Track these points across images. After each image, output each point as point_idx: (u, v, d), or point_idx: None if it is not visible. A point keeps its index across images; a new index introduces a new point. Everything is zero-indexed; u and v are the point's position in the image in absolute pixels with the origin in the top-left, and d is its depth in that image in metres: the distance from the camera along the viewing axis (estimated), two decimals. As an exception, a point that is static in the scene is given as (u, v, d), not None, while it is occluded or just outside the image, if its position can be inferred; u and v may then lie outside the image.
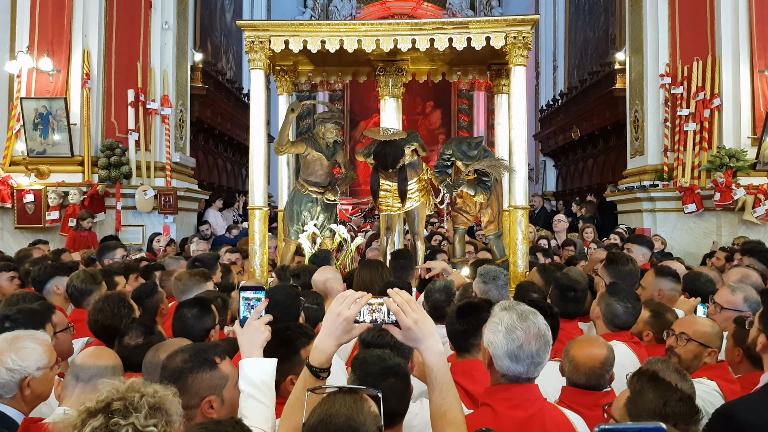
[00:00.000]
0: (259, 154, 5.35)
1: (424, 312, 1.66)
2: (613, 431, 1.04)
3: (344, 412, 1.44)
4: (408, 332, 1.62)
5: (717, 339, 2.57)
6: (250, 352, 1.86)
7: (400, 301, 1.63)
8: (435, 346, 1.64)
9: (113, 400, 1.42)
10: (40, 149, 7.94)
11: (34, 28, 7.97)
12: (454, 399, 1.65)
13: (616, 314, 2.89)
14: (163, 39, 8.52)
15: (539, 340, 1.89)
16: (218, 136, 12.50)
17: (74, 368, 2.14)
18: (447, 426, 1.63)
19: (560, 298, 3.25)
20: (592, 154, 12.76)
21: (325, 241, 5.60)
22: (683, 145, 8.02)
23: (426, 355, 1.64)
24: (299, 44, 5.12)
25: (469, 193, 5.26)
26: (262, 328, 1.89)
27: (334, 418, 1.43)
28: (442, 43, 5.06)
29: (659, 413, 1.71)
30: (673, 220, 8.10)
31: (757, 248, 5.06)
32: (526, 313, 1.94)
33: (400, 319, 1.61)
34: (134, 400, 1.42)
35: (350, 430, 1.41)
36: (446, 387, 1.64)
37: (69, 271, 4.03)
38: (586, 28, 13.45)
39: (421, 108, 16.69)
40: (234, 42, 13.89)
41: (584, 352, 2.27)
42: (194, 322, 2.71)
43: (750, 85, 7.87)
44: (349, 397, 1.48)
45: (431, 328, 1.65)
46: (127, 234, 8.14)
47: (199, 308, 2.77)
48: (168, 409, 1.44)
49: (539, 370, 1.95)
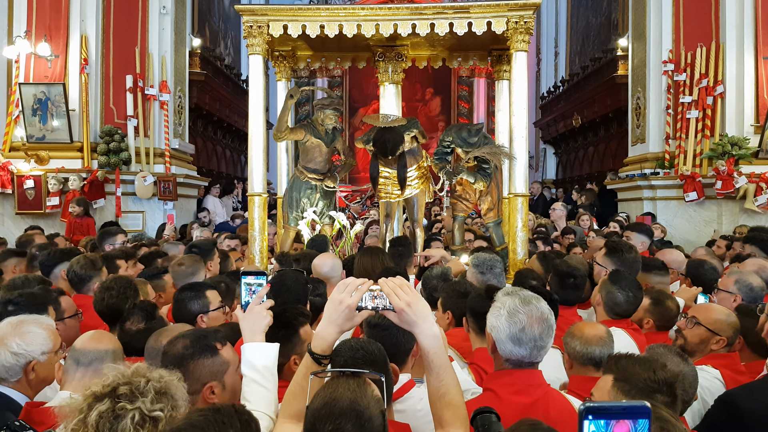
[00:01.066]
0: (258, 141, 5.32)
1: (418, 295, 1.66)
2: (599, 408, 1.04)
3: (348, 395, 1.45)
4: (402, 314, 1.63)
5: (728, 328, 2.55)
6: (252, 337, 1.89)
7: (393, 285, 1.64)
8: (430, 329, 1.64)
9: (119, 385, 1.42)
10: (39, 135, 7.92)
11: (31, 13, 7.91)
12: (451, 381, 1.65)
13: (616, 302, 2.89)
14: (161, 24, 8.45)
15: (542, 324, 1.90)
16: (217, 122, 12.45)
17: (74, 353, 2.14)
18: (445, 408, 1.63)
19: (559, 284, 3.24)
20: (592, 141, 12.71)
21: (324, 227, 5.59)
22: (685, 132, 7.97)
23: (421, 338, 1.65)
24: (298, 29, 5.06)
25: (468, 180, 5.24)
26: (264, 313, 1.92)
27: (338, 401, 1.44)
28: (442, 27, 5.01)
29: (655, 381, 1.72)
30: (674, 208, 8.07)
31: (759, 237, 5.04)
32: (529, 297, 1.96)
33: (393, 301, 1.63)
34: (140, 384, 1.42)
35: (354, 413, 1.42)
36: (443, 369, 1.64)
37: None
38: (588, 13, 13.33)
39: (420, 95, 16.58)
40: (233, 27, 13.78)
41: (590, 330, 2.29)
42: (183, 305, 2.75)
43: (754, 73, 7.80)
44: (352, 381, 1.50)
45: (425, 311, 1.65)
46: (127, 220, 8.14)
47: (189, 291, 2.81)
48: (174, 393, 1.46)
49: (542, 355, 1.94)
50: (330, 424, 1.40)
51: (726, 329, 2.55)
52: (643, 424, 1.04)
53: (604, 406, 1.05)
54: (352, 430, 1.40)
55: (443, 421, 1.63)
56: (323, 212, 5.60)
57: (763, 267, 3.68)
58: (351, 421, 1.40)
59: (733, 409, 1.79)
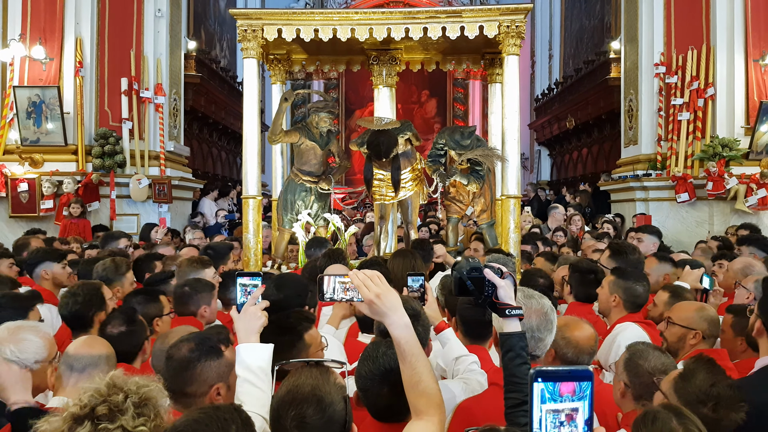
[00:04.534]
0: (253, 144, 5.35)
1: (388, 286, 1.69)
2: (547, 372, 1.14)
3: (310, 382, 1.51)
4: (371, 306, 1.66)
5: (701, 321, 2.57)
6: (246, 338, 1.88)
7: (363, 277, 1.67)
8: (400, 319, 1.66)
9: (97, 405, 1.38)
10: (33, 138, 7.91)
11: (26, 16, 7.91)
12: (425, 369, 1.66)
13: (636, 294, 3.00)
14: (156, 27, 8.46)
15: (540, 317, 1.99)
16: (212, 124, 12.46)
17: (67, 358, 2.15)
18: (419, 397, 1.65)
19: (580, 281, 3.34)
20: (586, 143, 12.79)
21: (318, 230, 5.62)
22: (677, 134, 8.04)
23: (392, 329, 1.66)
24: (292, 33, 5.10)
25: (462, 182, 5.29)
26: (259, 314, 1.91)
27: (301, 388, 1.49)
28: (435, 31, 5.05)
29: (705, 393, 1.78)
30: (666, 209, 8.14)
31: (754, 237, 5.09)
32: (533, 293, 2.07)
33: (362, 293, 1.66)
34: (119, 401, 1.38)
35: (316, 398, 1.47)
36: (416, 358, 1.66)
37: (60, 257, 4.08)
38: (581, 16, 13.42)
39: (416, 97, 16.64)
40: (228, 30, 13.80)
41: (582, 333, 2.33)
42: (138, 309, 2.75)
43: (744, 75, 7.88)
44: (315, 370, 1.56)
45: (395, 302, 1.67)
46: (122, 223, 8.14)
47: (143, 296, 2.86)
48: (155, 401, 1.43)
49: (541, 348, 2.02)
50: (293, 410, 1.46)
51: (699, 323, 2.58)
52: (587, 386, 1.15)
53: (551, 370, 1.15)
54: (313, 413, 1.46)
55: (418, 409, 1.65)
56: (318, 214, 5.64)
57: (750, 264, 3.73)
58: (312, 406, 1.46)
59: None
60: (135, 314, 2.62)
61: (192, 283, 3.23)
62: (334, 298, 1.72)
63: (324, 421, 1.46)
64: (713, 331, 2.60)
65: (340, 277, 1.74)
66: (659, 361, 2.02)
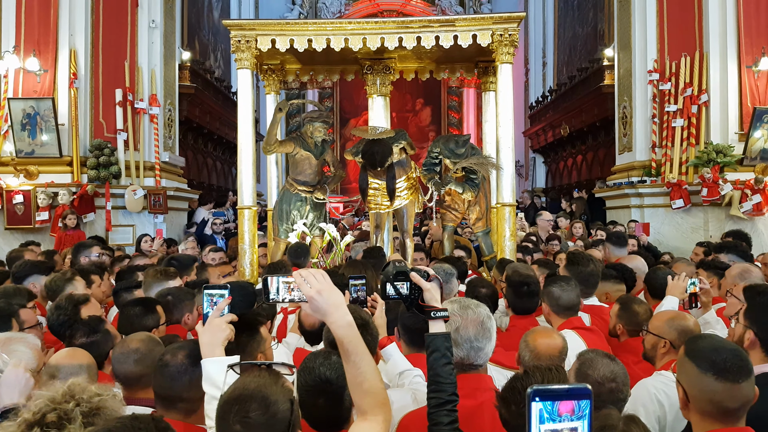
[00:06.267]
0: (248, 154, 5.35)
1: (331, 284, 1.66)
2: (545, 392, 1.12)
3: (257, 381, 1.52)
4: (312, 302, 1.64)
5: (670, 331, 2.53)
6: (211, 351, 1.82)
7: (305, 274, 1.66)
8: (342, 318, 1.63)
9: (47, 412, 1.39)
10: (28, 150, 7.89)
11: (20, 28, 7.91)
12: (368, 368, 1.64)
13: (555, 297, 3.01)
14: (150, 38, 8.47)
15: (477, 327, 2.02)
16: (207, 135, 12.46)
17: (50, 368, 2.17)
18: (364, 396, 1.63)
19: (515, 294, 3.27)
20: (580, 150, 12.83)
21: (314, 239, 5.60)
22: (671, 141, 8.08)
23: (334, 328, 1.64)
24: (286, 43, 5.12)
25: (457, 190, 5.29)
26: (224, 326, 1.85)
27: (247, 386, 1.51)
28: (428, 41, 5.08)
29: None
30: (661, 215, 8.16)
31: (732, 244, 5.06)
32: (469, 303, 2.10)
33: (303, 289, 1.64)
34: (68, 409, 1.39)
35: (261, 395, 1.48)
36: (359, 357, 1.63)
37: (48, 270, 4.07)
38: (575, 24, 13.50)
39: (411, 105, 16.70)
40: (222, 40, 13.84)
41: (544, 341, 2.34)
42: (136, 320, 2.76)
43: (737, 81, 7.92)
44: (264, 372, 1.58)
45: (337, 300, 1.65)
46: (117, 234, 8.11)
47: (141, 307, 2.84)
48: (109, 411, 1.43)
49: (482, 357, 2.04)
50: (237, 406, 1.46)
51: (668, 332, 2.53)
52: (585, 404, 1.12)
53: (549, 389, 1.13)
54: (256, 409, 1.45)
55: (362, 409, 1.64)
56: (313, 224, 5.63)
57: (747, 270, 3.67)
58: (256, 402, 1.46)
59: None
60: (99, 324, 2.65)
61: (174, 291, 3.30)
62: (278, 299, 1.69)
63: (267, 418, 1.45)
64: (684, 340, 2.55)
65: (283, 277, 1.71)
66: (608, 369, 2.01)
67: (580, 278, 3.37)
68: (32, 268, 4.02)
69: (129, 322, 2.78)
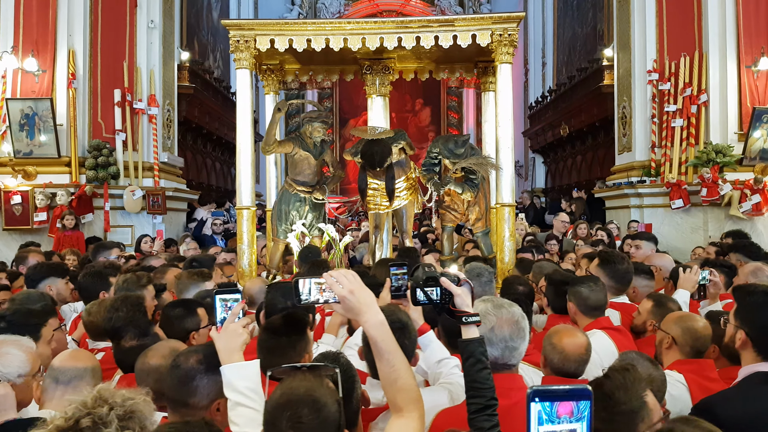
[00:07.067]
0: (247, 154, 5.33)
1: (362, 284, 1.67)
2: (545, 392, 1.13)
3: (304, 385, 1.52)
4: (344, 302, 1.64)
5: (674, 327, 2.54)
6: (229, 358, 1.81)
7: (337, 275, 1.66)
8: (375, 317, 1.64)
9: (81, 417, 1.36)
10: (26, 150, 7.88)
11: (18, 28, 7.89)
12: (402, 365, 1.66)
13: (584, 297, 2.99)
14: (149, 38, 8.47)
15: (512, 326, 2.01)
16: (206, 135, 12.44)
17: (53, 371, 2.13)
18: (398, 393, 1.64)
19: (556, 293, 3.28)
20: (580, 150, 12.81)
21: (313, 240, 5.59)
22: (670, 141, 8.07)
23: (367, 327, 1.65)
24: (285, 43, 5.10)
25: (456, 191, 5.28)
26: (240, 331, 1.85)
27: (295, 390, 1.50)
28: (428, 41, 5.06)
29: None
30: (661, 215, 8.15)
31: (741, 244, 5.08)
32: (502, 303, 2.09)
33: (335, 290, 1.64)
34: (103, 414, 1.37)
35: (311, 399, 1.48)
36: (392, 355, 1.65)
37: (64, 273, 4.04)
38: (574, 24, 13.49)
39: (410, 105, 16.69)
40: (221, 40, 13.82)
41: (570, 341, 2.32)
42: (176, 322, 2.72)
43: (737, 81, 7.91)
44: (309, 374, 1.58)
45: (369, 300, 1.65)
46: (116, 235, 8.09)
47: (182, 309, 2.77)
48: (141, 415, 1.41)
49: (516, 356, 2.03)
50: (288, 411, 1.46)
51: (672, 328, 2.54)
52: (585, 406, 1.13)
53: (549, 389, 1.13)
54: (308, 414, 1.46)
55: (397, 406, 1.65)
56: (312, 224, 5.61)
57: (760, 268, 3.68)
58: (307, 407, 1.46)
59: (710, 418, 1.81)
60: (149, 327, 2.59)
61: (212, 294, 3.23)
62: (310, 300, 1.69)
63: (319, 421, 1.46)
64: (687, 339, 2.53)
65: (315, 278, 1.70)
66: (646, 372, 1.99)
67: (616, 276, 3.37)
68: (49, 270, 3.97)
69: (169, 324, 2.73)
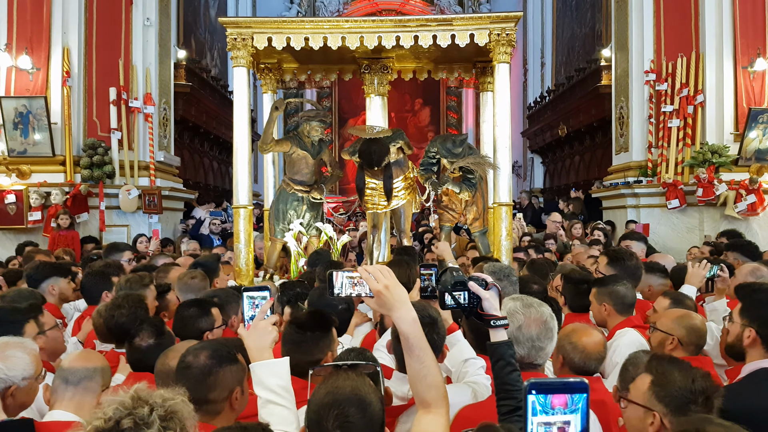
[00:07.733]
0: (244, 153, 5.30)
1: (396, 281, 1.68)
2: (541, 385, 1.14)
3: (349, 383, 1.56)
4: (379, 297, 1.65)
5: (679, 328, 2.53)
6: (259, 355, 1.83)
7: (372, 269, 1.68)
8: (408, 313, 1.66)
9: (122, 418, 1.32)
10: (20, 149, 7.81)
11: (12, 25, 7.82)
12: (432, 362, 1.69)
13: (621, 295, 2.99)
14: (145, 36, 8.41)
15: (540, 326, 1.99)
16: (204, 134, 12.39)
17: (62, 372, 2.12)
18: (428, 389, 1.67)
19: (574, 292, 3.30)
20: (578, 150, 12.82)
21: (311, 239, 5.57)
22: (667, 141, 8.08)
23: (399, 323, 1.67)
24: (282, 41, 5.07)
25: (454, 190, 5.27)
26: (270, 328, 1.86)
27: (341, 389, 1.54)
28: (426, 40, 5.05)
29: (690, 390, 1.74)
30: (657, 215, 8.16)
31: (739, 243, 5.09)
32: (532, 302, 2.06)
33: (371, 285, 1.65)
34: (144, 414, 1.33)
35: (357, 398, 1.52)
36: (423, 352, 1.67)
37: (66, 272, 4.02)
38: (573, 24, 13.50)
39: (410, 105, 16.66)
40: (219, 39, 13.76)
41: (590, 339, 2.31)
42: (190, 322, 2.71)
43: (733, 81, 7.93)
44: (351, 372, 1.63)
45: (403, 296, 1.67)
46: (111, 234, 8.04)
47: (196, 309, 2.78)
48: (181, 415, 1.38)
49: (542, 357, 2.02)
50: (335, 410, 1.50)
51: (676, 329, 2.53)
52: (579, 398, 1.13)
53: (545, 382, 1.13)
54: (355, 413, 1.50)
55: (426, 401, 1.68)
56: (310, 224, 5.59)
57: (758, 268, 3.67)
58: (354, 406, 1.50)
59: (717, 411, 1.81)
60: (163, 326, 2.57)
61: (221, 293, 3.28)
62: (343, 293, 1.71)
63: (366, 420, 1.50)
64: (692, 338, 2.53)
65: (348, 272, 1.73)
66: None
67: (628, 273, 3.37)
68: (52, 270, 3.94)
69: (182, 324, 2.72)
